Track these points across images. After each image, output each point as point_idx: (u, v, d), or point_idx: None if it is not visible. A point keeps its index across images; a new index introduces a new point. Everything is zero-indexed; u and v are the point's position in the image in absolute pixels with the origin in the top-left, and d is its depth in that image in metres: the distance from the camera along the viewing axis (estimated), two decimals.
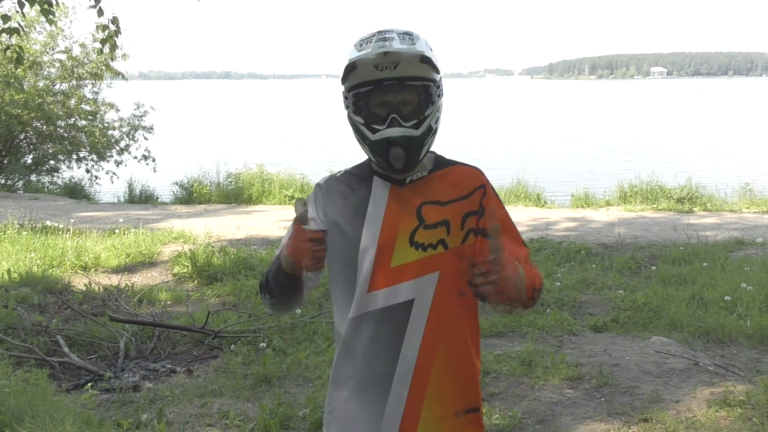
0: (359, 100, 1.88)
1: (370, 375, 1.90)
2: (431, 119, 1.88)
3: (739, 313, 5.61)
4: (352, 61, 1.83)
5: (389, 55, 1.80)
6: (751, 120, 44.16)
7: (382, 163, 1.89)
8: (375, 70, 1.82)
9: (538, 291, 1.86)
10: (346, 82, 1.89)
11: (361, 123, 1.88)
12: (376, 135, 1.85)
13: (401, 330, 1.87)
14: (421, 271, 1.87)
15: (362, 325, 1.89)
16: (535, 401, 4.29)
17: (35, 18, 14.66)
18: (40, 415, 3.56)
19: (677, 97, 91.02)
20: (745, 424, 3.86)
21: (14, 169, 16.62)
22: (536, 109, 64.08)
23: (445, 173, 1.96)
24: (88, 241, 8.27)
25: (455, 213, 1.90)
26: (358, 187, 1.95)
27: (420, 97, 1.86)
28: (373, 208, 1.91)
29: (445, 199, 1.91)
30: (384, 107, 1.85)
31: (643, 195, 12.34)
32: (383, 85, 1.84)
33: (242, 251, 7.88)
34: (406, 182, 1.93)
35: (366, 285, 1.88)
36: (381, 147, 1.85)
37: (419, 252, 1.87)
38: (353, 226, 1.90)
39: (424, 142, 1.88)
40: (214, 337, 5.44)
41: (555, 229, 9.72)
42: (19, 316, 5.74)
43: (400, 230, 1.88)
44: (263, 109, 69.00)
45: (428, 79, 1.87)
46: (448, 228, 1.89)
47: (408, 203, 1.90)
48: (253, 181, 13.86)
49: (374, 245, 1.88)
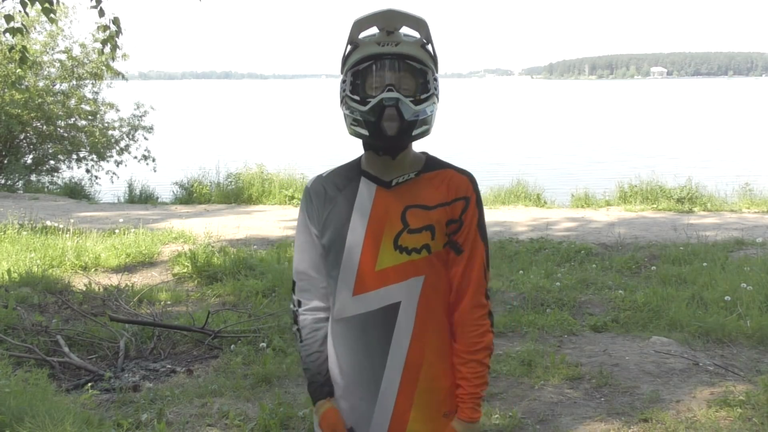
0: (357, 78, 1.84)
1: (357, 378, 1.91)
2: (427, 106, 1.84)
3: (739, 313, 5.61)
4: (353, 41, 1.84)
5: (392, 35, 1.82)
6: (751, 120, 44.15)
7: (374, 132, 1.81)
8: (376, 46, 1.82)
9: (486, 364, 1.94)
10: (345, 64, 1.87)
11: (356, 100, 1.83)
12: (371, 102, 1.79)
13: (389, 333, 1.87)
14: (406, 275, 1.86)
15: (349, 328, 1.89)
16: (535, 401, 4.28)
17: (35, 18, 14.66)
18: (40, 415, 3.55)
19: (677, 97, 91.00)
20: (745, 424, 3.86)
21: (14, 169, 16.62)
22: (536, 110, 64.08)
23: (435, 176, 1.92)
24: (88, 241, 8.27)
25: (440, 218, 1.88)
26: (345, 188, 1.93)
27: (417, 81, 1.84)
28: (359, 209, 1.88)
29: (432, 203, 1.88)
30: (380, 88, 1.81)
31: (643, 195, 12.33)
32: (383, 59, 1.82)
33: (242, 251, 7.88)
34: (393, 185, 1.90)
35: (351, 287, 1.88)
36: (375, 112, 1.79)
37: (403, 255, 1.86)
38: (338, 226, 1.89)
39: (418, 120, 1.82)
40: (214, 337, 5.44)
41: (555, 229, 9.72)
42: (19, 316, 5.74)
43: (385, 233, 1.86)
44: (263, 109, 69.02)
45: (427, 65, 1.86)
46: (432, 233, 1.87)
47: (393, 206, 1.88)
48: (253, 181, 13.85)
49: (359, 247, 1.87)
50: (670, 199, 11.95)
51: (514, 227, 9.93)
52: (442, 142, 30.13)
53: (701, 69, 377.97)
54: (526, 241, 8.72)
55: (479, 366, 1.91)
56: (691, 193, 12.14)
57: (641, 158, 23.67)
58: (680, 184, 12.50)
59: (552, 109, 63.76)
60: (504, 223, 10.27)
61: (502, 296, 6.44)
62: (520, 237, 9.08)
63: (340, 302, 1.89)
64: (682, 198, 11.99)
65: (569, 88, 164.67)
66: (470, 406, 1.89)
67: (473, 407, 1.89)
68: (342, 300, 1.89)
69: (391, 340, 1.87)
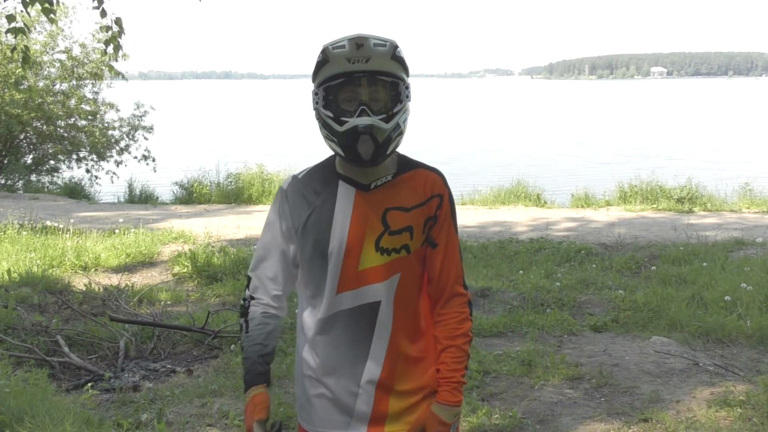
0: (329, 94, 1.89)
1: (341, 371, 1.98)
2: (399, 117, 1.89)
3: (739, 313, 5.61)
4: (324, 54, 1.86)
5: (362, 49, 1.83)
6: (751, 120, 44.15)
7: (349, 155, 1.88)
8: (347, 63, 1.84)
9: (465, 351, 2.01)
10: (317, 78, 1.91)
11: (329, 117, 1.88)
12: (344, 126, 1.85)
13: (371, 328, 1.96)
14: (386, 275, 1.94)
15: (332, 324, 1.97)
16: (535, 401, 4.29)
17: (35, 18, 14.65)
18: (40, 415, 3.55)
19: (677, 97, 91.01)
20: (745, 424, 3.86)
21: (14, 169, 16.63)
22: (536, 109, 64.07)
23: (410, 177, 1.99)
24: (88, 241, 8.27)
25: (418, 218, 1.96)
26: (323, 191, 1.97)
27: (389, 94, 1.89)
28: (340, 213, 1.94)
29: (409, 204, 1.96)
30: (354, 102, 1.86)
31: (643, 195, 12.33)
32: (354, 77, 1.85)
33: (242, 251, 7.88)
34: (371, 188, 1.95)
35: (335, 287, 1.94)
36: (349, 137, 1.85)
37: (384, 257, 1.93)
38: (320, 230, 1.94)
39: (392, 138, 1.89)
40: (214, 337, 5.44)
41: (555, 229, 9.73)
42: (19, 316, 5.73)
43: (367, 236, 1.93)
44: (263, 109, 69.02)
45: (398, 77, 1.90)
46: (411, 233, 1.95)
47: (373, 209, 1.94)
48: (253, 181, 13.86)
49: (341, 249, 1.93)
50: (670, 199, 11.95)
51: (514, 227, 9.94)
52: (443, 142, 30.15)
53: (701, 69, 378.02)
54: (526, 241, 8.72)
55: (458, 351, 1.99)
56: (691, 193, 12.14)
57: (641, 158, 23.68)
58: (680, 184, 12.50)
59: (552, 109, 63.75)
60: (504, 223, 10.27)
61: (502, 296, 6.44)
62: (520, 237, 9.09)
63: (325, 300, 1.95)
64: (682, 198, 11.99)
65: (569, 88, 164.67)
66: (448, 390, 1.97)
67: (451, 391, 1.97)
68: (327, 298, 1.95)
69: (372, 334, 1.96)
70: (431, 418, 1.97)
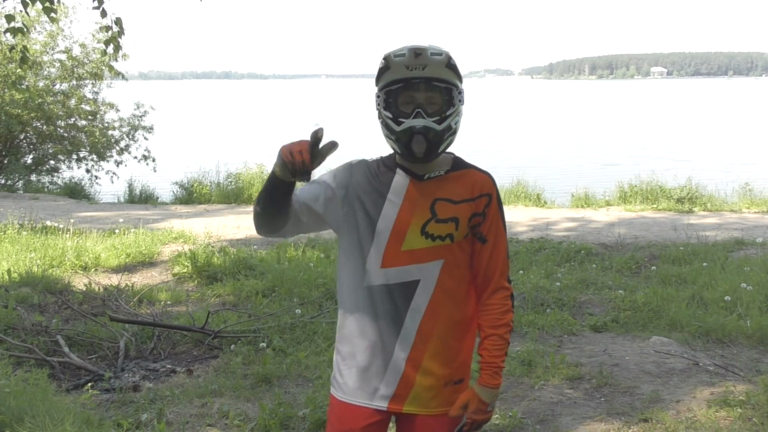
0: (389, 97, 2.10)
1: (376, 340, 2.15)
2: (452, 119, 2.09)
3: (739, 313, 5.61)
4: (386, 61, 2.06)
5: (420, 57, 2.02)
6: (751, 120, 44.15)
7: (405, 152, 2.08)
8: (406, 70, 2.04)
9: (506, 339, 2.19)
10: (379, 82, 2.11)
11: (389, 117, 2.08)
12: (401, 126, 2.05)
13: (405, 306, 2.13)
14: (427, 258, 2.12)
15: (371, 295, 2.14)
16: (535, 401, 4.29)
17: (35, 18, 14.66)
18: (40, 415, 3.55)
19: (677, 97, 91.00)
20: (745, 424, 3.86)
21: (14, 169, 16.62)
22: (536, 109, 64.07)
23: (461, 175, 2.18)
24: (88, 241, 8.27)
25: (464, 212, 2.14)
26: (383, 175, 2.18)
27: (443, 98, 2.09)
28: (393, 195, 2.14)
29: (457, 198, 2.14)
30: (411, 104, 2.07)
31: (643, 195, 12.33)
32: (412, 82, 2.05)
33: (242, 251, 7.88)
34: (425, 178, 2.15)
35: (379, 261, 2.13)
36: (405, 135, 2.05)
37: (428, 241, 2.12)
38: (374, 207, 2.14)
39: (444, 137, 2.09)
40: (214, 337, 5.44)
41: (555, 229, 9.73)
42: (19, 316, 5.73)
43: (414, 220, 2.12)
44: (263, 109, 69.02)
45: (452, 83, 2.09)
46: (457, 224, 2.13)
47: (424, 197, 2.13)
48: (253, 181, 13.86)
49: (389, 228, 2.12)
50: (670, 199, 11.95)
51: (514, 227, 9.93)
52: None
53: (701, 69, 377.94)
54: (526, 241, 8.72)
55: (500, 340, 2.18)
56: (691, 193, 12.14)
57: (641, 158, 23.67)
58: (680, 184, 12.50)
59: (552, 109, 63.76)
60: None
61: None
62: (520, 237, 9.08)
63: (370, 271, 2.13)
64: (682, 198, 11.99)
65: (569, 88, 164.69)
66: (489, 373, 2.17)
67: (492, 374, 2.17)
68: (371, 269, 2.13)
69: (407, 312, 2.13)
70: (474, 397, 2.17)
